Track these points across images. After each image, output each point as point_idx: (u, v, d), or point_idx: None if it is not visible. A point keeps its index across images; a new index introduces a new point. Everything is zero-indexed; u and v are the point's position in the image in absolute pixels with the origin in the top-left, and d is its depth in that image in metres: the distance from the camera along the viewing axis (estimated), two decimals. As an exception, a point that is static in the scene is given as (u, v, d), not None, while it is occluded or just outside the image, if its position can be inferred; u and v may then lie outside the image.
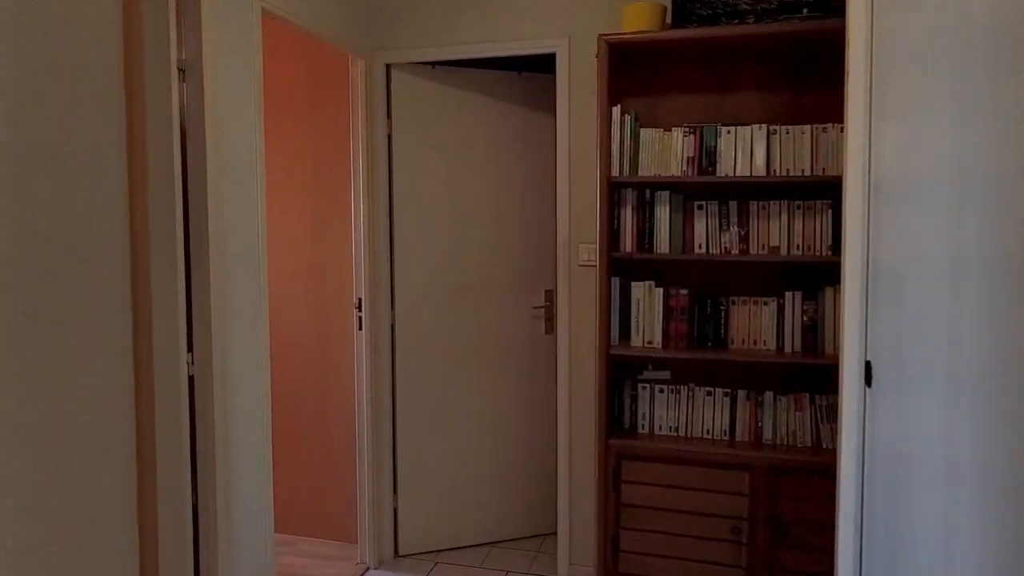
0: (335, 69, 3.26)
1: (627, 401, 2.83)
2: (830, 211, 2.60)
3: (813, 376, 2.76)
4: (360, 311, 3.18)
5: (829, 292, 2.61)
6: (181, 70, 2.10)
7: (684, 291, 2.75)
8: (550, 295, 3.43)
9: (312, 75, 3.32)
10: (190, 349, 2.14)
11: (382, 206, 3.21)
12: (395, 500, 3.31)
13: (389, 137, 3.21)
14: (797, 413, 2.67)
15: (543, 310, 3.43)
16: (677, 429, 2.79)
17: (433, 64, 3.22)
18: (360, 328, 3.19)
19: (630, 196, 2.76)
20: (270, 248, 3.40)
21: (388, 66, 3.18)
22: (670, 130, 2.72)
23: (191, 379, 2.14)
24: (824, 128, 2.59)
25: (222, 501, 2.20)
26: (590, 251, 2.99)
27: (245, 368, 2.33)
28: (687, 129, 2.69)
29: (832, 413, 2.63)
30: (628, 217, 2.76)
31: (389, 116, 3.20)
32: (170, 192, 1.97)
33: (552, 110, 3.34)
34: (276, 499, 3.46)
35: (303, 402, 3.43)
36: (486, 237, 3.33)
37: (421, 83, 3.22)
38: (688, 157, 2.69)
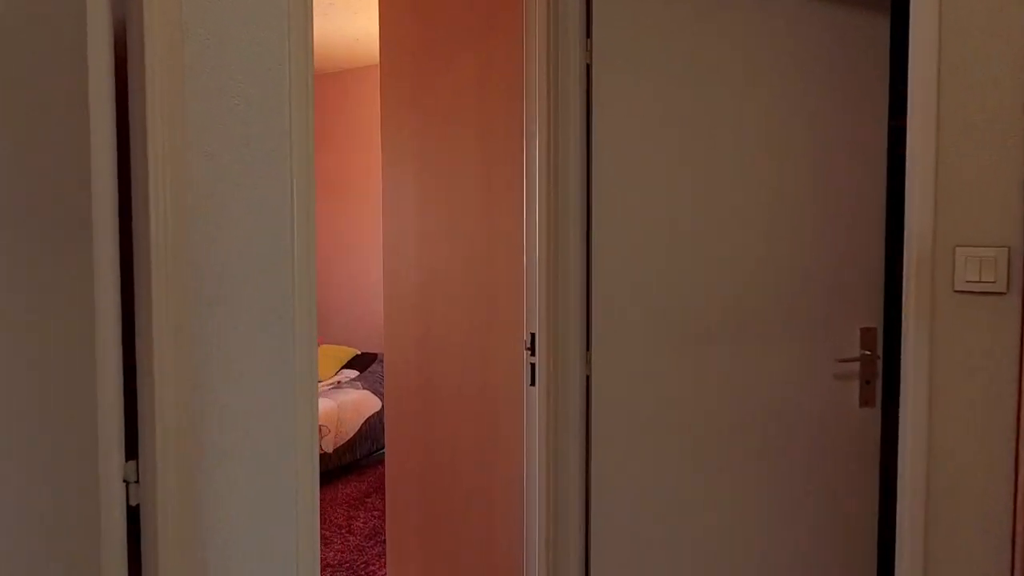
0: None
1: (1086, 604, 1.26)
2: None
3: None
4: (533, 355, 1.96)
5: None
6: None
7: None
8: (870, 339, 1.91)
9: (477, -12, 2.17)
10: (132, 456, 1.06)
11: (573, 189, 1.95)
12: (587, 661, 2.02)
13: (588, 68, 1.94)
14: None
15: (857, 366, 1.91)
16: None
17: (663, -61, 1.89)
18: (532, 383, 1.96)
19: (1113, 135, 1.19)
20: (419, 261, 2.32)
21: (587, -51, 1.93)
22: None
23: (133, 511, 1.07)
24: None
25: None
26: (987, 262, 1.44)
27: (259, 485, 1.22)
28: None
29: None
30: (1107, 184, 1.19)
31: (589, 34, 1.93)
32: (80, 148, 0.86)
33: (882, 3, 1.83)
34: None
35: (459, 490, 2.30)
36: (752, 238, 1.91)
37: (642, -25, 1.91)
38: None
